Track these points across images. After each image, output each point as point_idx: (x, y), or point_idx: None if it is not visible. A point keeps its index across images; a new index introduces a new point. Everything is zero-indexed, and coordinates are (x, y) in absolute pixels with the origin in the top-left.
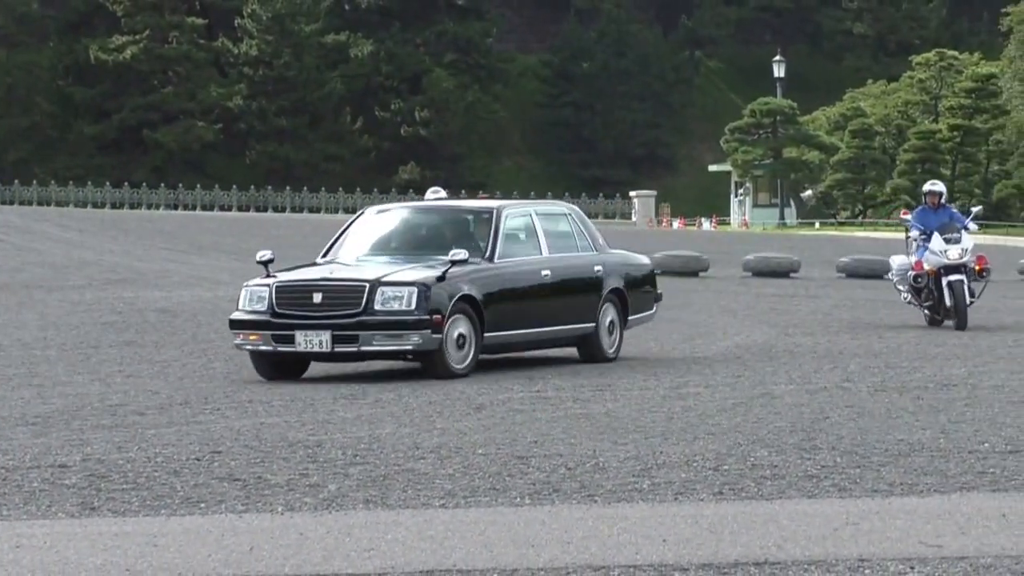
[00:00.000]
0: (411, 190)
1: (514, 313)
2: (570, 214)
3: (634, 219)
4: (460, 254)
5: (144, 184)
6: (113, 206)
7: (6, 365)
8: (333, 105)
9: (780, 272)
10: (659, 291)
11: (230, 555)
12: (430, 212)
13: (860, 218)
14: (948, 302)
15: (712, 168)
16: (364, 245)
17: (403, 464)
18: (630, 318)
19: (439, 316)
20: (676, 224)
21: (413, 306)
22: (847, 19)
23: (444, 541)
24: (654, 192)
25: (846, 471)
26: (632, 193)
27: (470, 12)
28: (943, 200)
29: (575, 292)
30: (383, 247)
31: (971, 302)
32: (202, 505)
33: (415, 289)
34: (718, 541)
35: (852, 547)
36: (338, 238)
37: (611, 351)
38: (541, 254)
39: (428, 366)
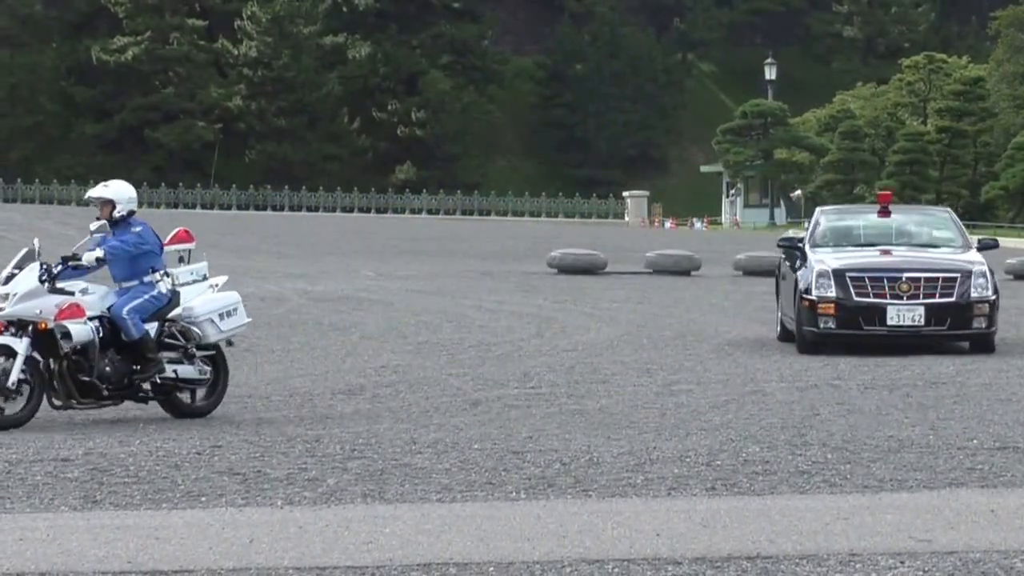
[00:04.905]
0: (407, 190)
1: None
2: None
3: (627, 219)
4: None
5: (145, 183)
6: None
7: None
8: (331, 106)
9: (771, 271)
10: None
11: (230, 548)
12: None
13: None
14: None
15: (704, 169)
16: None
17: (400, 459)
18: None
19: None
20: (668, 224)
21: None
22: (837, 22)
23: (441, 535)
24: (647, 192)
25: (837, 467)
26: (625, 193)
27: (466, 15)
28: None
29: None
30: None
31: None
32: (203, 499)
33: None
34: (711, 535)
35: (843, 542)
36: None
37: None
38: None
39: None
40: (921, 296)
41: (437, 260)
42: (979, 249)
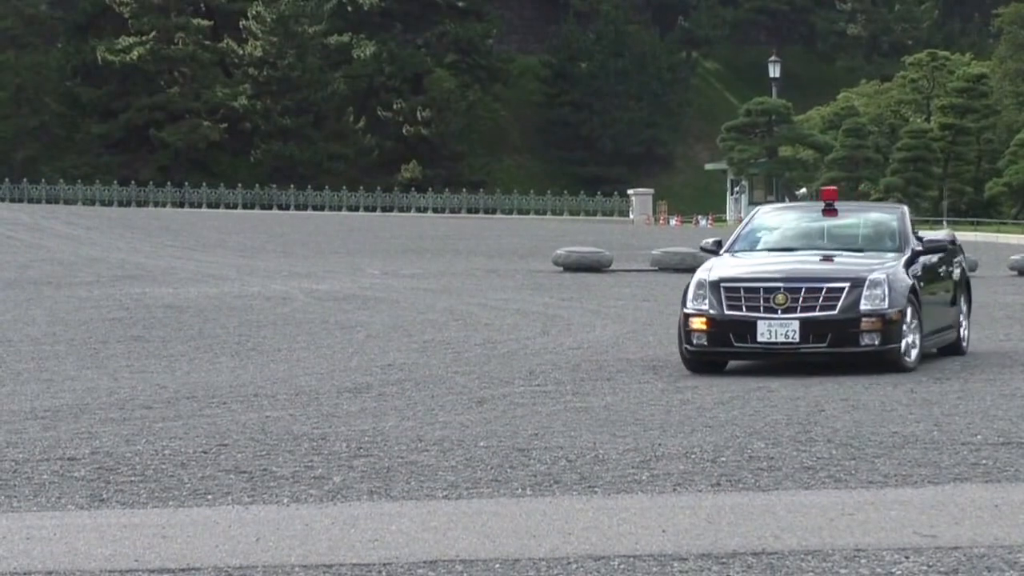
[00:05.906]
0: (413, 188)
1: None
2: None
3: (632, 217)
4: None
5: (150, 182)
6: (120, 204)
7: (16, 360)
8: (336, 105)
9: None
10: None
11: (237, 546)
12: None
13: None
14: None
15: (708, 166)
16: None
17: (406, 456)
18: None
19: None
20: (673, 222)
21: None
22: (841, 20)
23: (447, 532)
24: (651, 190)
25: (841, 463)
26: (630, 191)
27: (470, 14)
28: None
29: None
30: None
31: None
32: (209, 497)
33: None
34: (716, 531)
35: (848, 537)
36: None
37: None
38: None
39: None
40: (798, 309)
41: (442, 258)
42: (925, 252)
